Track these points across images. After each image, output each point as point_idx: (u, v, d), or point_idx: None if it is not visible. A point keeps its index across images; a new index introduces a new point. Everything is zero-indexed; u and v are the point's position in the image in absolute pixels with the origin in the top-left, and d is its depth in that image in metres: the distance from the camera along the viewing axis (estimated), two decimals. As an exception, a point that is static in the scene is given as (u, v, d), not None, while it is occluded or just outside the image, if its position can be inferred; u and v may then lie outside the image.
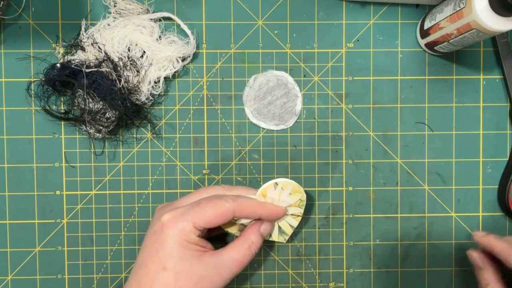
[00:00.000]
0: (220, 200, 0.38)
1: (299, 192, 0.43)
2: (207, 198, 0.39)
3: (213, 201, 0.38)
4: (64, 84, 0.43)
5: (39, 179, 0.46)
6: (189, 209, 0.38)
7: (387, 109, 0.47)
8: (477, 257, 0.43)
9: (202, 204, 0.38)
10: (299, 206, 0.44)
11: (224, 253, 0.38)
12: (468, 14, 0.37)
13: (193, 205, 0.38)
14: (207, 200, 0.38)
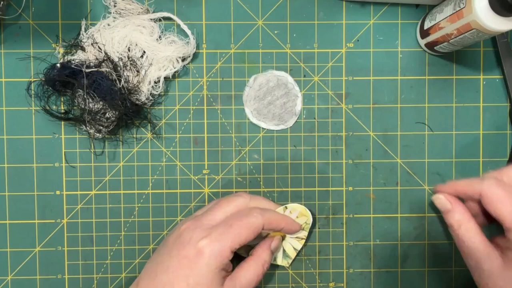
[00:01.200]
0: (250, 218, 0.38)
1: (305, 216, 0.44)
2: (236, 216, 0.38)
3: (244, 220, 0.38)
4: (64, 84, 0.43)
5: (39, 179, 0.46)
6: (224, 232, 0.37)
7: (387, 109, 0.47)
8: (444, 199, 0.41)
9: (235, 225, 0.37)
10: (303, 229, 0.44)
11: (241, 275, 0.38)
12: (468, 14, 0.37)
13: (226, 227, 0.37)
14: (238, 219, 0.38)
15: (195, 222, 0.39)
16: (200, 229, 0.37)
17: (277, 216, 0.40)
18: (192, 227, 0.38)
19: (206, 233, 0.37)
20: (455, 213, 0.40)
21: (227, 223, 0.37)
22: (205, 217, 0.39)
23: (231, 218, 0.38)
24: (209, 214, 0.39)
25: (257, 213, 0.38)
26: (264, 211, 0.39)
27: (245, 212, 0.39)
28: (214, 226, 0.37)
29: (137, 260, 0.46)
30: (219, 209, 0.39)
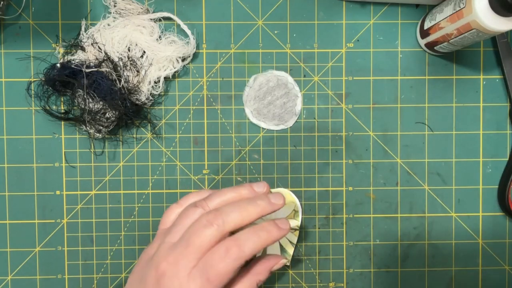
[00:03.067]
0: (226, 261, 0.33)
1: (292, 201, 0.44)
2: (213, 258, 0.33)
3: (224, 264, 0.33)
4: (64, 84, 0.43)
5: (39, 179, 0.46)
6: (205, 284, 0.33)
7: (387, 109, 0.47)
8: None
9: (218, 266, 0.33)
10: (294, 218, 0.44)
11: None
12: (468, 14, 0.37)
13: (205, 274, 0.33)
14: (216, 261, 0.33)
15: (173, 266, 0.34)
16: (179, 279, 0.33)
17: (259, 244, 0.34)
18: (170, 274, 0.34)
19: (185, 284, 0.33)
20: None
21: (203, 273, 0.33)
22: (180, 260, 0.34)
23: (207, 266, 0.33)
24: (184, 255, 0.34)
25: (235, 254, 0.33)
26: (243, 246, 0.34)
27: (220, 255, 0.33)
28: (191, 275, 0.33)
29: (137, 260, 0.46)
30: (192, 248, 0.34)
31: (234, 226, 0.34)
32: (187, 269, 0.34)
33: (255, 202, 0.35)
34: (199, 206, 0.36)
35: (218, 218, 0.34)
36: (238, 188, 0.37)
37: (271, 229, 0.35)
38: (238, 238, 0.34)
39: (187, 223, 0.36)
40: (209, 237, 0.34)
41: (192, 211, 0.36)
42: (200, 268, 0.34)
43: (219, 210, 0.35)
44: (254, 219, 0.35)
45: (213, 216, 0.35)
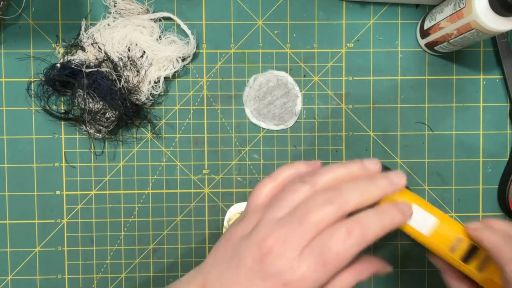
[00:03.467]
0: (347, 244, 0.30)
1: None
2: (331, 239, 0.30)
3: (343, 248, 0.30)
4: (64, 84, 0.43)
5: (39, 179, 0.46)
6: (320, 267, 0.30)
7: (387, 109, 0.47)
8: (433, 262, 0.39)
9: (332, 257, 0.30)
10: None
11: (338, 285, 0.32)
12: (468, 14, 0.37)
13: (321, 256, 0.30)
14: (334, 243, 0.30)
15: (283, 243, 0.30)
16: (289, 258, 0.30)
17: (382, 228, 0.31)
18: (278, 251, 0.30)
19: (296, 265, 0.30)
20: (446, 276, 0.39)
21: (321, 254, 0.30)
22: (291, 236, 0.30)
23: (323, 247, 0.30)
24: (297, 232, 0.30)
25: (359, 238, 0.30)
26: (367, 230, 0.30)
27: (340, 237, 0.30)
28: (304, 255, 0.30)
29: (137, 260, 0.46)
30: (308, 225, 0.30)
31: (355, 207, 0.31)
32: (299, 248, 0.30)
33: (376, 182, 0.32)
34: (307, 183, 0.32)
35: (339, 197, 0.31)
36: (348, 164, 0.32)
37: (394, 214, 0.32)
38: (361, 220, 0.30)
39: (294, 199, 0.32)
40: (329, 215, 0.30)
41: (299, 186, 0.32)
42: (315, 248, 0.30)
43: (338, 189, 0.31)
44: (375, 201, 0.31)
45: (333, 195, 0.31)
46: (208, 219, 0.46)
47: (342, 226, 0.30)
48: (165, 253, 0.46)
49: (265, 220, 0.31)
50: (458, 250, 0.36)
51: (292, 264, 0.30)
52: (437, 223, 0.36)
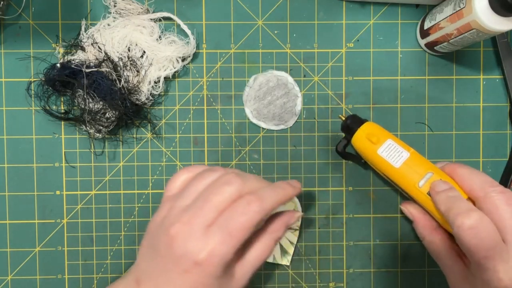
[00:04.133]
0: (248, 216, 0.32)
1: (292, 201, 0.44)
2: (233, 217, 0.32)
3: (243, 221, 0.32)
4: (64, 84, 0.43)
5: (39, 179, 0.46)
6: (224, 241, 0.32)
7: (387, 109, 0.47)
8: (405, 210, 0.43)
9: (234, 231, 0.32)
10: None
11: (253, 256, 0.35)
12: (468, 14, 0.37)
13: (224, 234, 0.32)
14: (236, 222, 0.32)
15: (184, 226, 0.33)
16: (195, 238, 0.32)
17: (277, 198, 0.34)
18: (182, 235, 0.32)
19: (203, 243, 0.32)
20: (418, 226, 0.42)
21: (224, 227, 0.32)
22: (195, 219, 0.33)
23: (227, 220, 0.32)
24: (198, 214, 0.33)
25: (258, 207, 0.33)
26: (264, 200, 0.33)
27: (242, 209, 0.33)
28: (209, 232, 0.32)
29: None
30: (209, 206, 0.33)
31: (252, 189, 0.34)
32: (203, 227, 0.32)
33: (276, 183, 0.37)
34: (216, 171, 0.35)
35: (238, 178, 0.34)
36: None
37: (285, 187, 0.36)
38: (257, 192, 0.34)
39: (201, 186, 0.35)
40: (228, 194, 0.33)
41: (207, 174, 0.35)
42: (219, 224, 0.32)
43: (240, 174, 0.35)
44: (276, 191, 0.35)
45: (233, 176, 0.34)
46: (208, 219, 0.46)
47: (243, 200, 0.33)
48: (165, 253, 0.46)
49: (173, 208, 0.34)
50: (426, 185, 0.37)
51: (198, 243, 0.32)
52: (408, 157, 0.38)
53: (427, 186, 0.38)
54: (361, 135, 0.41)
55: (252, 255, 0.35)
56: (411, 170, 0.39)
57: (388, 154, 0.40)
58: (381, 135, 0.40)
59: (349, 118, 0.42)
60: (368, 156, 0.41)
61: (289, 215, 0.37)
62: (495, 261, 0.33)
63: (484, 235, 0.33)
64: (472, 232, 0.33)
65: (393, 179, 0.40)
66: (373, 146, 0.40)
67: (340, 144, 0.44)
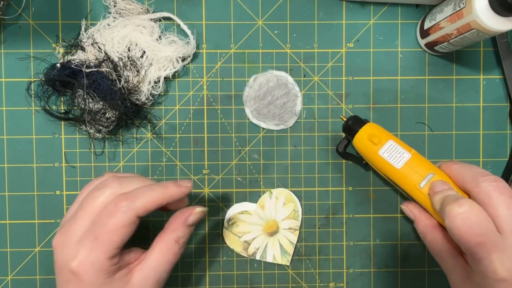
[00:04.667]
0: (116, 217, 0.32)
1: (292, 202, 0.44)
2: (101, 220, 0.32)
3: (110, 223, 0.32)
4: (64, 84, 0.43)
5: (39, 179, 0.46)
6: (93, 248, 0.32)
7: (387, 109, 0.47)
8: (406, 210, 0.42)
9: (101, 234, 0.32)
10: (294, 218, 0.45)
11: (153, 259, 0.34)
12: (468, 14, 0.37)
13: (91, 239, 0.32)
14: (103, 225, 0.32)
15: (62, 236, 0.34)
16: (68, 248, 0.33)
17: (153, 196, 0.34)
18: (60, 245, 0.33)
19: (74, 251, 0.32)
20: (419, 226, 0.41)
21: (92, 233, 0.32)
22: (70, 228, 0.33)
23: (96, 225, 0.32)
24: (74, 223, 0.33)
25: (125, 207, 0.32)
26: (134, 198, 0.33)
27: (110, 211, 0.32)
28: (81, 240, 0.32)
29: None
30: (83, 214, 0.33)
31: (130, 188, 0.34)
32: (78, 235, 0.33)
33: (162, 183, 0.35)
34: (102, 177, 0.36)
35: (114, 181, 0.34)
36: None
37: (168, 185, 0.35)
38: (129, 192, 0.33)
39: (84, 195, 0.36)
40: (102, 198, 0.33)
41: (93, 182, 0.36)
42: (90, 229, 0.32)
43: (116, 177, 0.35)
44: (154, 189, 0.34)
45: (109, 180, 0.34)
46: (208, 219, 0.46)
47: (112, 202, 0.33)
48: (165, 253, 0.46)
49: (61, 222, 0.35)
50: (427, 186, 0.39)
51: (72, 252, 0.32)
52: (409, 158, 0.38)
53: (428, 187, 0.38)
54: (362, 136, 0.41)
55: (151, 258, 0.34)
56: (412, 171, 0.39)
57: (390, 155, 0.40)
58: (383, 136, 0.40)
59: (350, 119, 0.42)
60: (369, 157, 0.41)
61: (186, 212, 0.36)
62: (489, 250, 0.32)
63: (474, 220, 0.33)
64: (461, 217, 0.33)
65: (394, 180, 0.40)
66: (375, 147, 0.40)
67: (341, 144, 0.44)
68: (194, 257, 0.46)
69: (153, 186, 0.34)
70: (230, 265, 0.46)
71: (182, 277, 0.46)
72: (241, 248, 0.45)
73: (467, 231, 0.33)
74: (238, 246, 0.45)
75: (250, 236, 0.45)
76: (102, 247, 0.32)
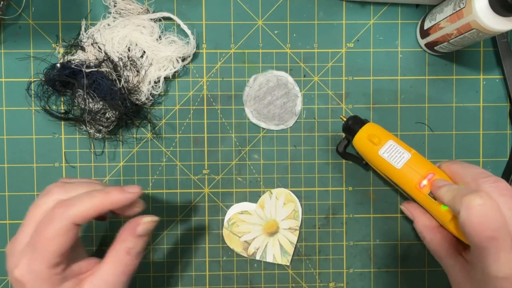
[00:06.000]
0: (52, 225, 0.32)
1: (292, 202, 0.44)
2: (39, 229, 0.32)
3: (46, 231, 0.32)
4: (64, 84, 0.43)
5: (39, 179, 0.46)
6: (32, 258, 0.32)
7: (387, 109, 0.47)
8: (405, 210, 0.43)
9: (39, 242, 0.32)
10: (294, 218, 0.45)
11: (104, 271, 0.33)
12: (468, 14, 0.37)
13: (31, 248, 0.32)
14: (40, 233, 0.32)
15: (11, 244, 0.33)
16: (12, 256, 0.33)
17: (92, 203, 0.32)
18: (8, 253, 0.33)
19: (17, 260, 0.32)
20: (418, 226, 0.41)
21: (32, 242, 0.32)
22: (17, 236, 0.33)
23: (36, 233, 0.32)
24: (20, 231, 0.33)
25: (61, 214, 0.31)
26: (71, 206, 0.32)
27: (47, 219, 0.32)
28: (24, 248, 0.32)
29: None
30: (28, 222, 0.33)
31: (74, 194, 0.33)
32: (22, 244, 0.32)
33: (103, 188, 0.34)
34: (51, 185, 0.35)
35: (57, 188, 0.33)
36: None
37: (111, 191, 0.33)
38: (68, 199, 0.33)
39: None
40: (44, 206, 0.33)
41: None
42: (32, 237, 0.32)
43: (61, 184, 0.34)
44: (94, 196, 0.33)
45: (53, 186, 0.34)
46: (208, 219, 0.46)
47: (50, 210, 0.32)
48: (165, 253, 0.46)
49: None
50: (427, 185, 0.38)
51: (15, 261, 0.32)
52: (409, 158, 0.38)
53: (428, 187, 0.38)
54: (362, 135, 0.41)
55: (103, 270, 0.33)
56: (413, 171, 0.39)
57: (390, 155, 0.40)
58: (383, 136, 0.40)
59: (350, 119, 0.42)
60: (369, 156, 0.41)
61: (135, 221, 0.35)
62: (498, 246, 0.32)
63: (491, 214, 0.32)
64: (480, 209, 0.32)
65: (394, 180, 0.40)
66: (375, 147, 0.40)
67: (341, 144, 0.44)
68: (194, 257, 0.46)
69: (94, 192, 0.33)
70: (230, 265, 0.46)
71: (182, 277, 0.46)
72: (241, 248, 0.45)
73: (482, 223, 0.32)
74: (238, 246, 0.45)
75: (250, 236, 0.45)
76: (41, 256, 0.31)
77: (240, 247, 0.45)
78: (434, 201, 0.38)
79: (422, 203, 0.39)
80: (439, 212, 0.38)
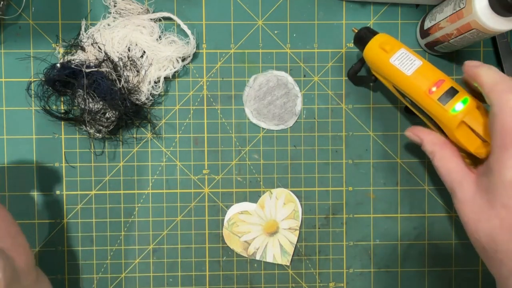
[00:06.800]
0: None
1: (292, 202, 0.44)
2: None
3: None
4: (64, 84, 0.43)
5: (39, 179, 0.46)
6: None
7: (387, 109, 0.47)
8: (411, 135, 0.41)
9: None
10: (294, 218, 0.45)
11: None
12: (468, 14, 0.37)
13: None
14: None
15: None
16: None
17: None
18: None
19: None
20: (427, 145, 0.40)
21: None
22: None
23: None
24: None
25: None
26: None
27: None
28: None
29: (137, 260, 0.46)
30: None
31: None
32: None
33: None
34: None
35: None
36: None
37: None
38: None
39: None
40: None
41: None
42: None
43: None
44: None
45: None
46: (208, 219, 0.46)
47: None
48: (165, 253, 0.46)
49: None
50: (437, 91, 0.37)
51: None
52: (421, 65, 0.38)
53: (437, 93, 0.37)
54: (374, 44, 0.40)
55: None
56: (423, 78, 0.38)
57: (401, 62, 0.38)
58: (395, 44, 0.39)
59: (362, 30, 0.42)
60: (380, 65, 0.40)
61: None
62: None
63: None
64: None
65: (404, 87, 0.39)
66: (386, 54, 0.39)
67: (352, 69, 0.44)
68: (194, 258, 0.46)
69: None
70: (230, 265, 0.46)
71: (182, 277, 0.46)
72: (241, 248, 0.45)
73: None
74: (238, 246, 0.46)
75: (250, 236, 0.45)
76: None
77: (240, 247, 0.45)
78: (443, 106, 0.36)
79: (430, 110, 0.38)
80: (447, 118, 0.36)
